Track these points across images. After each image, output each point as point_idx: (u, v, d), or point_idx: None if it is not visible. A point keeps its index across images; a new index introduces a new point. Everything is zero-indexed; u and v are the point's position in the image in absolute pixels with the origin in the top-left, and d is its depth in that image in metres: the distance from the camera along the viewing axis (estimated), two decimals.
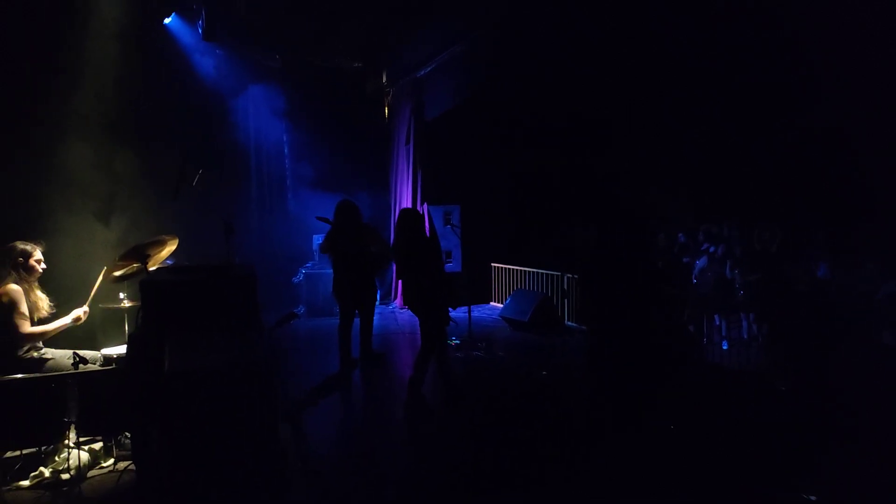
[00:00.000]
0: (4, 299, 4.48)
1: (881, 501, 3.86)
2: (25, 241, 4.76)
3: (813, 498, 3.74)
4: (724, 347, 8.00)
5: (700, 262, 8.33)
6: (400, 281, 11.08)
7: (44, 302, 4.74)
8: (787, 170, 9.29)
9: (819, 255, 7.38)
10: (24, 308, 4.53)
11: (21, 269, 4.64)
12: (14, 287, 4.54)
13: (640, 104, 10.41)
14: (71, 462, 4.17)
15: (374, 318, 7.10)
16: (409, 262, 5.84)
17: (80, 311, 4.81)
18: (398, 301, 11.53)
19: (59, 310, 4.87)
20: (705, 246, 8.44)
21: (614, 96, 10.43)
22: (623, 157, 10.83)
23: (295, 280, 11.12)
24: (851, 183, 8.23)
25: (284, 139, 11.95)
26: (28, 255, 4.69)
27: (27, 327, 4.51)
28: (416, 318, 5.86)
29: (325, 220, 6.84)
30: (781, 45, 8.05)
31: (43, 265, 4.81)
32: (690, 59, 8.84)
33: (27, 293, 4.61)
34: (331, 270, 7.06)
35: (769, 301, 7.07)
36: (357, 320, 6.96)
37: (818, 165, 8.74)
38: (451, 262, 10.75)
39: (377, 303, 6.97)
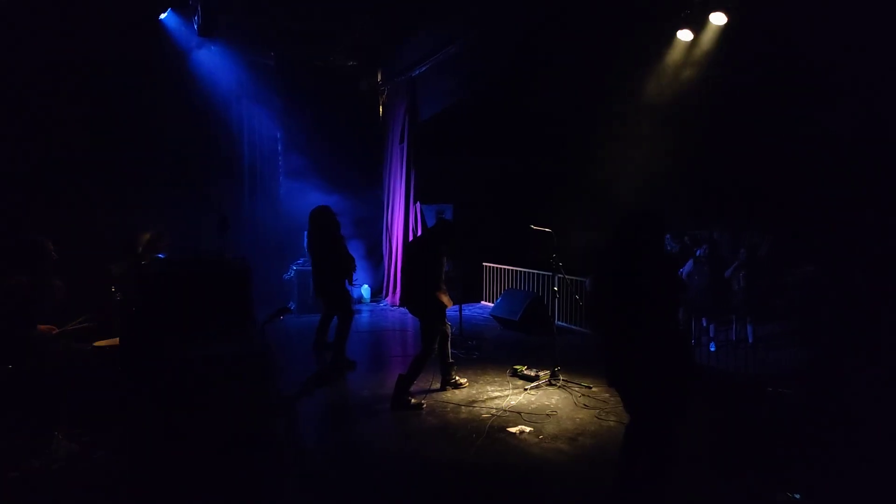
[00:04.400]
0: (14, 291, 4.48)
1: (866, 499, 3.93)
2: (34, 234, 4.75)
3: (797, 496, 3.80)
4: (712, 349, 8.08)
5: (686, 267, 8.40)
6: (398, 281, 11.17)
7: (58, 290, 4.76)
8: (778, 174, 9.39)
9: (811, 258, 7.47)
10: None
11: (35, 262, 4.64)
12: (24, 281, 4.54)
13: (636, 107, 10.49)
14: (59, 451, 4.16)
15: (364, 315, 7.19)
16: (414, 263, 5.91)
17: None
18: (389, 298, 11.55)
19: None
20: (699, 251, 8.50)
21: (609, 98, 10.51)
22: (617, 159, 10.91)
23: (286, 277, 11.12)
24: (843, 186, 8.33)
25: (278, 136, 11.96)
26: (41, 247, 4.68)
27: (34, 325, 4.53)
28: (406, 317, 5.93)
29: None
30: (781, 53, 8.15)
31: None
32: (686, 63, 8.92)
33: (37, 286, 4.63)
34: None
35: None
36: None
37: (812, 170, 8.84)
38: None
39: (347, 304, 7.16)
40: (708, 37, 8.30)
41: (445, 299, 5.84)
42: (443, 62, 10.12)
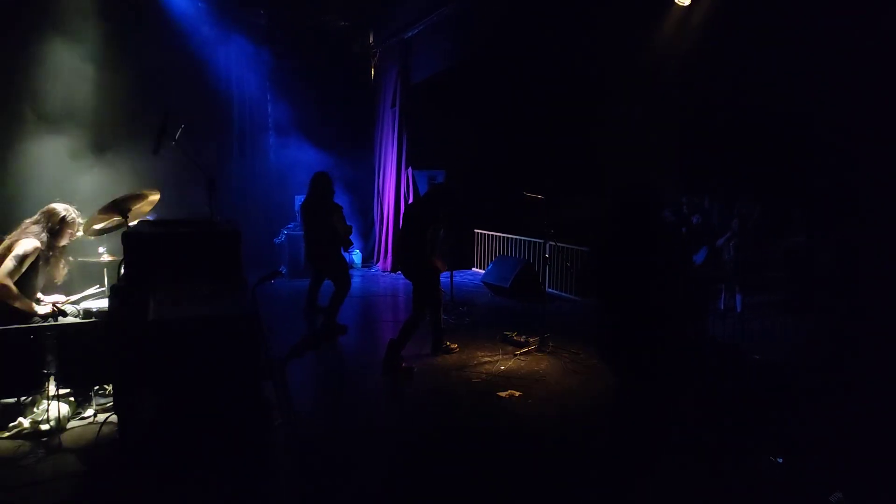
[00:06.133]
0: (12, 245, 4.39)
1: (847, 465, 4.00)
2: (68, 205, 4.68)
3: (780, 460, 3.87)
4: None
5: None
6: (390, 246, 11.14)
7: (60, 272, 4.70)
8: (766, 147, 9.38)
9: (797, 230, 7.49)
10: (24, 263, 4.39)
11: (54, 233, 4.56)
12: (32, 241, 4.44)
13: (631, 75, 10.37)
14: (50, 413, 4.16)
15: (355, 280, 7.17)
16: (406, 228, 5.91)
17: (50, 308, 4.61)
18: (381, 264, 11.53)
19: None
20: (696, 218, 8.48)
21: (605, 64, 10.37)
22: (612, 127, 10.82)
23: (276, 241, 11.05)
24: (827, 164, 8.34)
25: (268, 97, 11.75)
26: (64, 220, 4.60)
27: (4, 277, 4.35)
28: (397, 283, 5.93)
29: None
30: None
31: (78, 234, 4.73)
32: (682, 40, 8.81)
33: (47, 257, 4.54)
34: None
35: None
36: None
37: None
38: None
39: (344, 271, 7.06)
40: (705, 3, 8.18)
41: (439, 264, 5.88)
42: (436, 23, 9.92)
